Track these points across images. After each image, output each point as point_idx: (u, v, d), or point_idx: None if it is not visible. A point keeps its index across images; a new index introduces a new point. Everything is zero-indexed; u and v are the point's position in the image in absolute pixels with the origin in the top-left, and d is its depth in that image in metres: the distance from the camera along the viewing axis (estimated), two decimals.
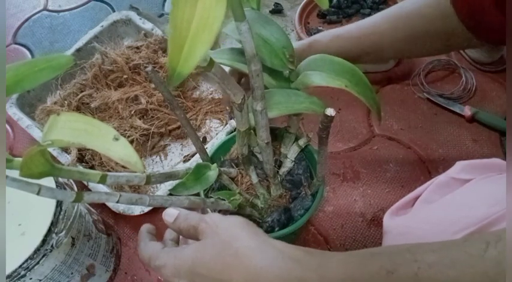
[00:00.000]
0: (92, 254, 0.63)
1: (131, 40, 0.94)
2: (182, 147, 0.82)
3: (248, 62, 0.36)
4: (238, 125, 0.44)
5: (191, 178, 0.43)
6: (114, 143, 0.26)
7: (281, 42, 0.42)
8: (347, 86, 0.41)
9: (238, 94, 0.38)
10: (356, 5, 0.97)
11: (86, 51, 0.88)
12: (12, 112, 0.81)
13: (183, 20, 0.25)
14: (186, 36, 0.26)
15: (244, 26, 0.32)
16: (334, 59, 0.42)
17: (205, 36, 0.25)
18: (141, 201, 0.37)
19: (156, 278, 0.69)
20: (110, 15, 0.93)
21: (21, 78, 0.26)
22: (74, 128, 0.27)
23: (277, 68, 0.42)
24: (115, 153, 0.26)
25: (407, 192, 0.72)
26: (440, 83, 0.85)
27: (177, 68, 0.26)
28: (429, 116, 0.81)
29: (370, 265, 0.30)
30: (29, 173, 0.27)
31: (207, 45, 0.26)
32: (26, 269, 0.51)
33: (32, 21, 1.15)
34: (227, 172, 0.52)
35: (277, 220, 0.52)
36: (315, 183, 0.52)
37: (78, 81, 0.85)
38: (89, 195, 0.33)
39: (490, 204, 0.38)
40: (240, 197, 0.49)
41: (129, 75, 0.83)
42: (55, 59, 0.27)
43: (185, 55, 0.26)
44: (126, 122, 0.78)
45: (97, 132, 0.27)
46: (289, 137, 0.52)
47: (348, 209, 0.72)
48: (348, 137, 0.80)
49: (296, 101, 0.43)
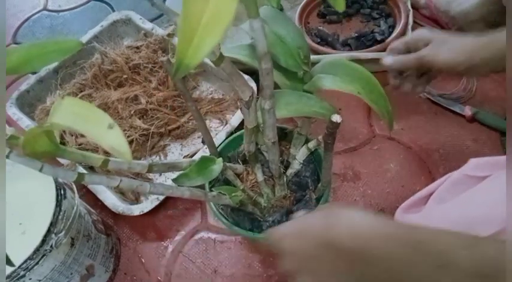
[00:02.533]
0: (92, 255, 0.62)
1: (131, 40, 0.94)
2: (182, 147, 0.82)
3: (259, 60, 0.35)
4: (246, 122, 0.43)
5: (194, 170, 0.43)
6: (108, 131, 0.26)
7: (297, 42, 0.42)
8: (360, 93, 0.41)
9: (246, 91, 0.38)
10: (356, 5, 0.96)
11: (86, 51, 0.88)
12: (12, 112, 0.80)
13: (195, 12, 0.25)
14: (196, 28, 0.25)
15: (258, 23, 0.32)
16: (350, 64, 0.42)
17: (216, 29, 0.25)
18: (142, 188, 0.37)
19: (156, 278, 0.69)
20: (110, 15, 0.93)
21: (31, 58, 0.26)
22: (74, 112, 0.27)
23: (291, 68, 0.42)
24: (107, 142, 0.27)
25: (407, 192, 0.72)
26: (440, 83, 0.84)
27: (185, 60, 0.26)
28: (429, 116, 0.81)
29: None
30: (32, 152, 0.28)
31: (217, 38, 0.25)
32: (26, 269, 0.51)
33: (32, 21, 1.15)
34: (233, 168, 0.51)
35: (278, 221, 0.52)
36: (320, 188, 0.52)
37: (77, 81, 0.85)
38: (90, 177, 0.34)
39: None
40: (242, 193, 0.49)
41: (129, 75, 0.83)
42: (64, 42, 0.28)
43: (194, 47, 0.26)
44: (126, 122, 0.77)
45: (94, 118, 0.27)
46: (299, 138, 0.52)
47: None
48: (348, 137, 0.80)
49: (306, 104, 0.42)
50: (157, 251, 0.72)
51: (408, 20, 0.87)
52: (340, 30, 0.94)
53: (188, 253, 0.71)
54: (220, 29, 0.25)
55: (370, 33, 0.90)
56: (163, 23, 1.06)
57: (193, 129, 0.82)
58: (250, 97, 0.39)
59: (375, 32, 0.90)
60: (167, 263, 0.71)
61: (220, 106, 0.84)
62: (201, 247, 0.72)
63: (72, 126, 0.27)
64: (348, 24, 0.96)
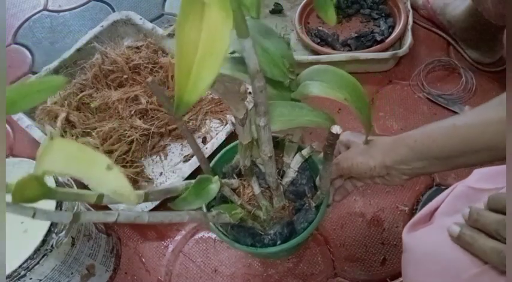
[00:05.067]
0: (92, 254, 0.63)
1: (131, 40, 0.94)
2: (182, 147, 0.82)
3: (251, 78, 0.34)
4: (241, 138, 0.43)
5: (192, 193, 0.42)
6: (106, 173, 0.24)
7: (281, 51, 0.41)
8: (346, 99, 0.40)
9: (241, 109, 0.37)
10: (356, 5, 0.97)
11: (86, 51, 0.88)
12: None
13: (189, 46, 0.24)
14: (192, 62, 0.24)
15: (248, 43, 0.31)
16: (337, 70, 0.41)
17: (213, 60, 0.24)
18: (140, 219, 0.37)
19: (157, 278, 0.70)
20: (110, 15, 0.93)
21: (17, 99, 0.25)
22: (66, 154, 0.25)
23: (277, 78, 0.41)
24: (107, 185, 0.24)
25: (407, 192, 0.72)
26: (440, 83, 0.84)
27: (185, 96, 0.25)
28: (429, 116, 0.81)
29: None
30: (22, 199, 0.26)
31: (215, 69, 0.24)
32: (26, 269, 0.51)
33: (32, 21, 1.15)
34: (228, 183, 0.51)
35: (279, 233, 0.51)
36: (319, 196, 0.51)
37: (78, 81, 0.86)
38: (86, 215, 0.33)
39: None
40: (241, 210, 0.48)
41: (129, 75, 0.83)
42: (49, 81, 0.27)
43: (193, 81, 0.25)
44: (126, 122, 0.78)
45: (89, 160, 0.25)
46: (291, 146, 0.51)
47: (348, 209, 0.72)
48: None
49: (300, 114, 0.42)
50: (157, 250, 0.72)
51: (408, 20, 0.87)
52: (340, 30, 0.95)
53: (188, 252, 0.71)
54: (216, 60, 0.24)
55: (370, 33, 0.90)
56: (164, 23, 1.06)
57: (194, 129, 0.82)
58: (245, 114, 0.38)
59: (374, 32, 0.90)
60: (167, 262, 0.71)
61: (220, 106, 0.84)
62: (202, 246, 0.72)
63: (66, 171, 0.25)
64: (347, 25, 0.96)
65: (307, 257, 0.69)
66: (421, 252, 0.41)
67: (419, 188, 0.73)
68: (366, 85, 0.87)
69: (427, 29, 0.93)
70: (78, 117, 0.80)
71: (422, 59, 0.88)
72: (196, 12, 0.24)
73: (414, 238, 0.42)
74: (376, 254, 0.68)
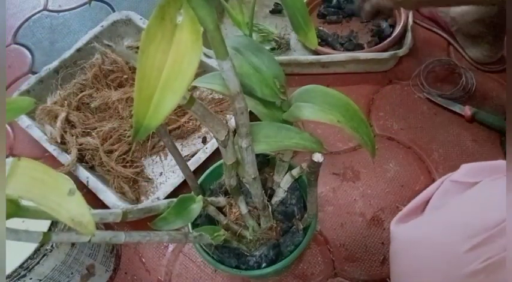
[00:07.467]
0: (92, 254, 0.63)
1: (131, 40, 0.94)
2: (182, 147, 0.82)
3: (231, 100, 0.34)
4: (225, 159, 0.41)
5: (173, 212, 0.41)
6: (67, 198, 0.23)
7: (272, 70, 0.41)
8: (340, 121, 0.39)
9: (222, 131, 0.37)
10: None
11: (86, 51, 0.88)
12: None
13: (153, 68, 0.23)
14: (155, 85, 0.23)
15: (227, 64, 0.30)
16: (328, 90, 0.40)
17: (178, 84, 0.23)
18: (116, 239, 0.35)
19: (157, 278, 0.70)
20: (110, 15, 0.94)
21: None
22: (32, 176, 0.24)
23: (268, 98, 0.40)
24: (65, 212, 0.23)
25: (407, 192, 0.73)
26: (440, 83, 0.85)
27: (144, 121, 0.24)
28: (429, 116, 0.81)
29: None
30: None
31: (179, 95, 0.23)
32: (26, 269, 0.51)
33: (32, 21, 1.15)
34: (215, 202, 0.49)
35: (265, 255, 0.51)
36: (307, 219, 0.50)
37: (78, 81, 0.86)
38: (58, 236, 0.31)
39: (503, 207, 0.37)
40: (224, 232, 0.47)
41: (129, 75, 0.83)
42: (16, 102, 0.26)
43: (154, 106, 0.23)
44: (126, 122, 0.78)
45: (53, 183, 0.24)
46: (282, 165, 0.50)
47: (348, 209, 0.72)
48: (348, 137, 0.80)
49: (286, 136, 0.40)
50: (157, 250, 0.72)
51: (408, 20, 0.87)
52: (340, 30, 0.95)
53: (188, 252, 0.71)
54: (183, 83, 0.23)
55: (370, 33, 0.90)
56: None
57: (194, 129, 0.82)
58: (226, 136, 0.37)
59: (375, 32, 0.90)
60: (168, 262, 0.71)
61: (220, 106, 0.84)
62: None
63: (26, 194, 0.24)
64: (348, 24, 0.96)
65: (307, 257, 0.69)
66: (405, 241, 0.45)
67: (419, 188, 0.73)
68: (366, 85, 0.87)
69: (427, 28, 0.93)
70: (78, 117, 0.80)
71: (422, 59, 0.88)
72: (166, 34, 0.23)
73: (403, 228, 0.46)
74: (376, 254, 0.68)
